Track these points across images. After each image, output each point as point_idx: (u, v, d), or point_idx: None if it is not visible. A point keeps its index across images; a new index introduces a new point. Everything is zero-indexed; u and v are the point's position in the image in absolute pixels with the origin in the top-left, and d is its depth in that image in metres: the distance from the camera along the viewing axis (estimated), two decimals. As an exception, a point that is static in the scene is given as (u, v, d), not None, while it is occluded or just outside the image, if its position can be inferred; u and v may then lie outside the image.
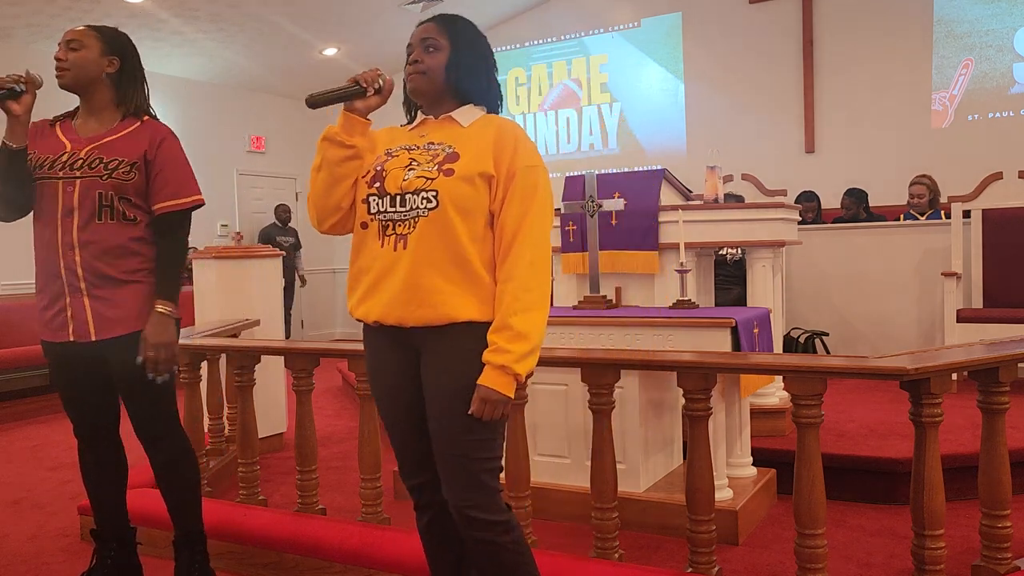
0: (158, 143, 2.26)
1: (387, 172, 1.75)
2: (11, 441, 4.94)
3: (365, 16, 7.93)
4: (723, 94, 7.87)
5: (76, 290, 2.22)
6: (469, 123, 1.79)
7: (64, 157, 2.24)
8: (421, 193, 1.69)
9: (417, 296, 1.69)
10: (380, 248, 1.73)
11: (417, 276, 1.68)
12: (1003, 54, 6.79)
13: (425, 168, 1.72)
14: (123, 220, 2.23)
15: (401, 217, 1.71)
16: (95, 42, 2.27)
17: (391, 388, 1.82)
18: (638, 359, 2.41)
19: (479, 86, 1.84)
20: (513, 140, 1.74)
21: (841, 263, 5.73)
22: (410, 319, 1.71)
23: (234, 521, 2.77)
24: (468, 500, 1.70)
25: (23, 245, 7.19)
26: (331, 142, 1.80)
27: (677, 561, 2.60)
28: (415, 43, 1.82)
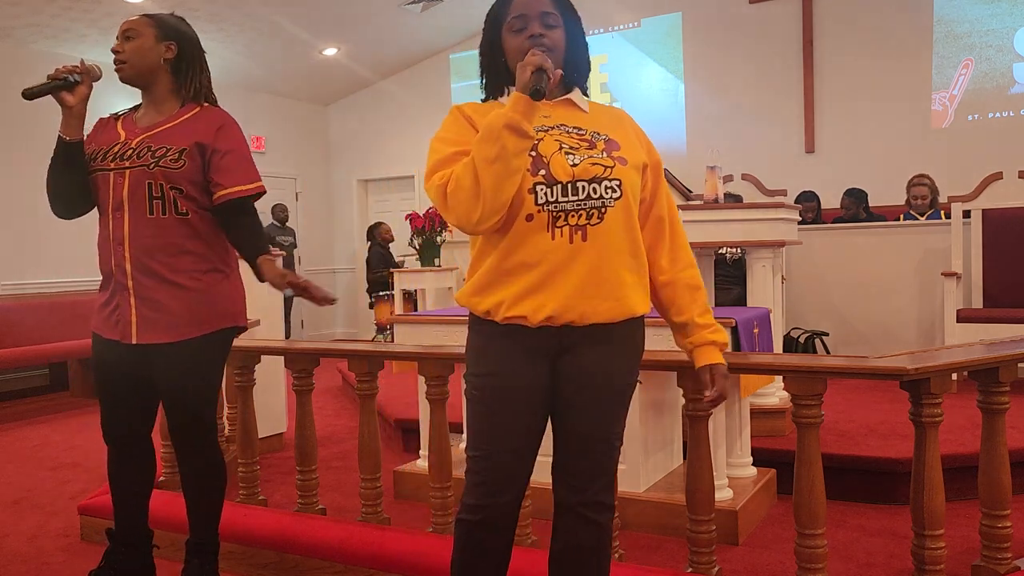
0: (216, 129, 2.16)
1: (547, 158, 1.62)
2: (11, 441, 4.94)
3: (365, 16, 7.93)
4: (723, 94, 7.87)
5: (124, 288, 2.14)
6: (588, 108, 1.76)
7: (116, 148, 2.16)
8: (603, 182, 1.61)
9: (603, 290, 1.62)
10: (551, 241, 1.60)
11: (604, 269, 1.62)
12: (1003, 54, 6.79)
13: (591, 155, 1.63)
14: (176, 214, 2.13)
15: (575, 207, 1.60)
16: (150, 29, 2.18)
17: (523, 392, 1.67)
18: (638, 359, 2.40)
19: (586, 69, 1.80)
20: (642, 131, 1.81)
21: (841, 263, 5.73)
22: (594, 314, 1.62)
23: (234, 521, 2.77)
24: (605, 487, 1.72)
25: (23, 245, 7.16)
26: (515, 131, 1.54)
27: (677, 561, 2.60)
28: (531, 15, 1.67)
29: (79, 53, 7.06)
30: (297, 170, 9.74)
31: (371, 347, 2.96)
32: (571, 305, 1.61)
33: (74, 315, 6.38)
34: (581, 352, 1.66)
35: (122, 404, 2.27)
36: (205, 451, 2.30)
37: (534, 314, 1.62)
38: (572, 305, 1.61)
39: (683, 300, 1.78)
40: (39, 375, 6.20)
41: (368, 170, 9.97)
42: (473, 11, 8.34)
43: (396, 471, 3.48)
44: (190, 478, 2.33)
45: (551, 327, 1.63)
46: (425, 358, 2.61)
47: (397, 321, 3.57)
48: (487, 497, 1.68)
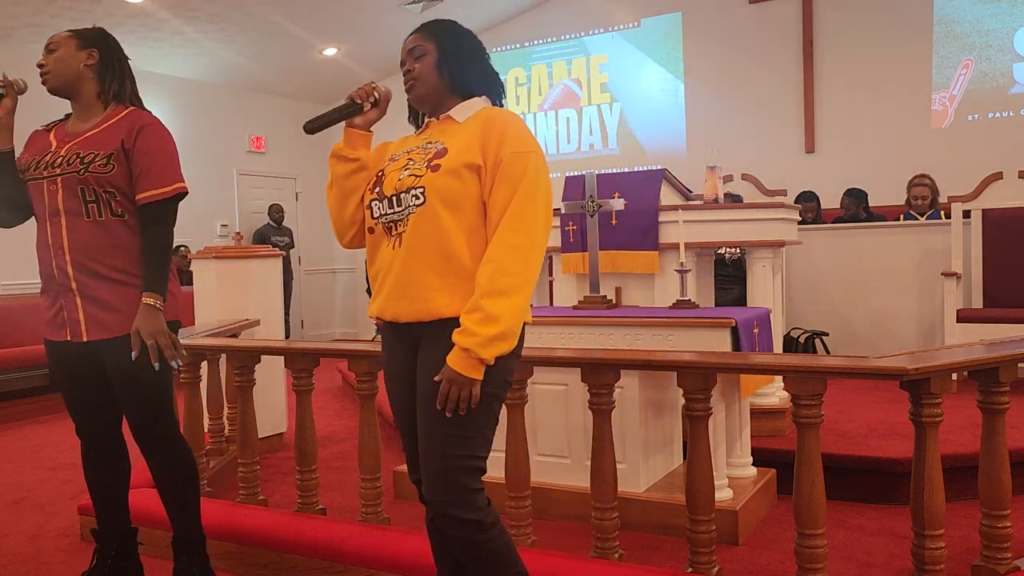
0: (136, 132, 2.20)
1: (385, 175, 1.80)
2: (11, 441, 4.94)
3: (365, 16, 7.93)
4: (723, 94, 7.87)
5: (68, 290, 2.21)
6: (465, 118, 1.80)
7: (47, 157, 2.23)
8: (411, 191, 1.72)
9: (408, 292, 1.72)
10: (389, 249, 1.76)
11: (408, 273, 1.72)
12: (1003, 54, 6.79)
13: (417, 166, 1.75)
14: (112, 216, 2.20)
15: (398, 217, 1.74)
16: (70, 40, 2.27)
17: (395, 381, 1.86)
18: (638, 359, 2.41)
19: (473, 76, 1.85)
20: (501, 127, 1.73)
21: (841, 263, 5.73)
22: (403, 315, 1.75)
23: (234, 521, 2.77)
24: (441, 496, 1.69)
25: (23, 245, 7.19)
26: (337, 158, 1.85)
27: (677, 561, 2.60)
28: (404, 56, 1.86)
29: (79, 53, 7.06)
30: (297, 170, 9.74)
31: (371, 347, 2.96)
32: (386, 306, 1.77)
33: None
34: (422, 351, 1.77)
35: (84, 403, 2.34)
36: (165, 444, 2.33)
37: (373, 313, 1.82)
38: (386, 306, 1.77)
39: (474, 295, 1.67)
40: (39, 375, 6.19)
41: (368, 170, 9.95)
42: (473, 11, 8.34)
43: (396, 471, 3.48)
44: (157, 474, 2.36)
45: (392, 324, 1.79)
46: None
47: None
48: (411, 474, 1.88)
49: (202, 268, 4.38)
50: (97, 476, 2.41)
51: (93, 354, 2.24)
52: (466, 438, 1.69)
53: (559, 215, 3.81)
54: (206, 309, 4.32)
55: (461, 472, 1.69)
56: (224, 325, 3.84)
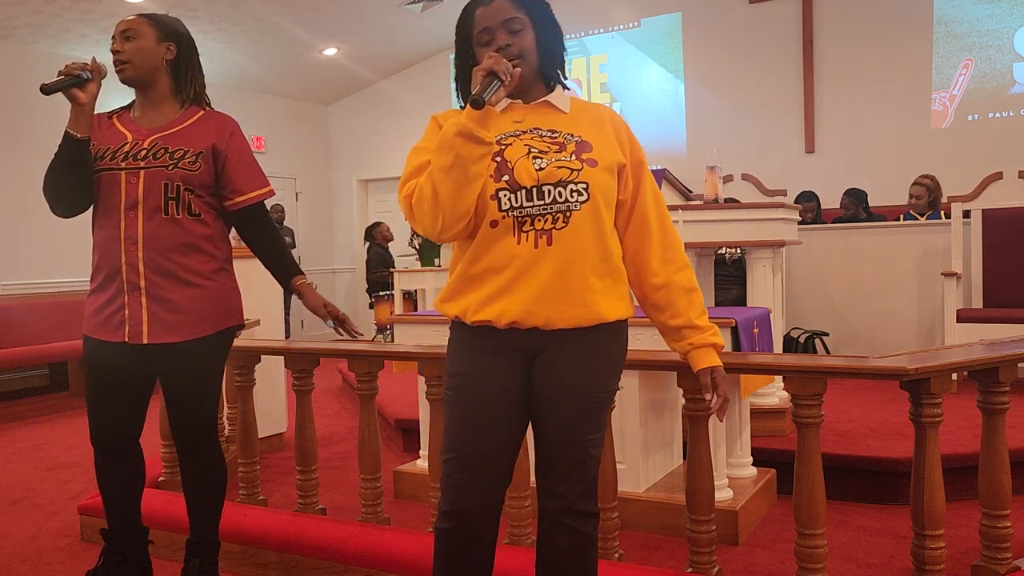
0: (228, 134, 2.21)
1: (512, 163, 1.61)
2: (11, 441, 4.94)
3: (365, 16, 7.94)
4: (723, 94, 7.87)
5: (135, 288, 2.13)
6: (568, 108, 1.71)
7: (126, 147, 2.15)
8: (569, 185, 1.59)
9: (569, 295, 1.60)
10: (517, 245, 1.59)
11: (569, 274, 1.59)
12: (1003, 54, 6.80)
13: (559, 158, 1.61)
14: (190, 215, 2.15)
15: (540, 212, 1.59)
16: (150, 29, 2.18)
17: (498, 397, 1.65)
18: (638, 359, 2.41)
19: (561, 60, 1.76)
20: (626, 128, 1.75)
21: (841, 263, 5.73)
22: (559, 320, 1.61)
23: (234, 521, 2.77)
24: (586, 495, 1.68)
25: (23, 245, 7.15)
26: (469, 138, 1.53)
27: (677, 561, 2.60)
28: (494, 25, 1.65)
29: (79, 53, 7.06)
30: (297, 170, 9.74)
31: (371, 347, 2.96)
32: (534, 310, 1.60)
33: (74, 315, 6.38)
34: (553, 355, 1.65)
35: (114, 407, 2.25)
36: (208, 450, 2.31)
37: (498, 319, 1.61)
38: (535, 310, 1.60)
39: (680, 303, 1.75)
40: (39, 375, 6.20)
41: (368, 170, 9.97)
42: (473, 11, 8.35)
43: (396, 471, 3.48)
44: (192, 477, 2.33)
45: (519, 329, 1.62)
46: (425, 358, 2.61)
47: (397, 321, 3.57)
48: (461, 501, 1.65)
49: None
50: (112, 482, 2.34)
51: (146, 358, 2.17)
52: (599, 436, 1.71)
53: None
54: (206, 309, 4.31)
55: (596, 465, 1.71)
56: (224, 325, 3.83)
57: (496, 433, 1.66)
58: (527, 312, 1.60)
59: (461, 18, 1.73)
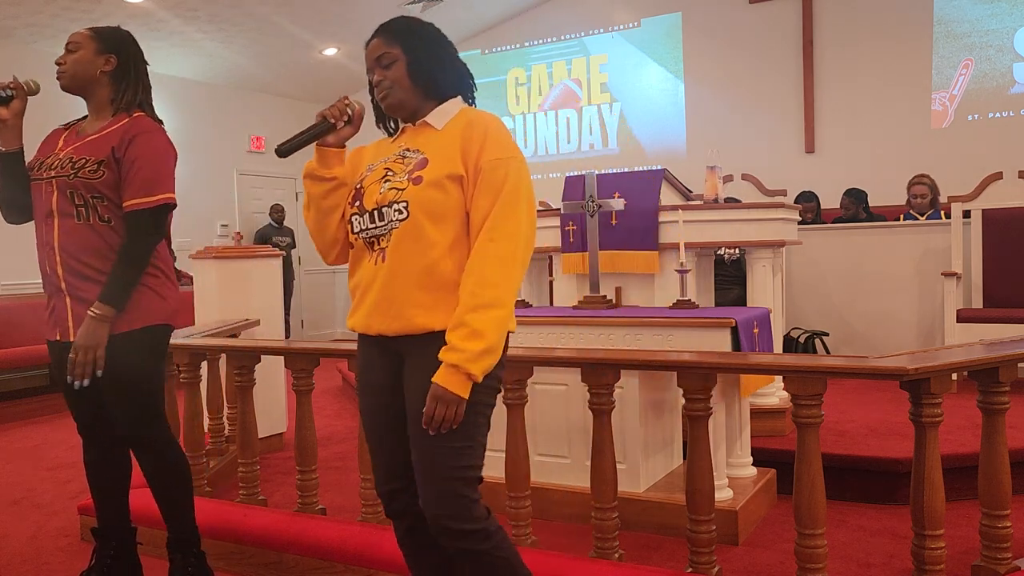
0: (130, 139, 2.20)
1: (364, 189, 1.75)
2: (11, 441, 4.94)
3: (365, 16, 7.93)
4: (723, 94, 7.87)
5: (59, 290, 2.24)
6: (443, 124, 1.75)
7: (50, 159, 2.26)
8: (393, 205, 1.68)
9: (393, 308, 1.69)
10: (370, 264, 1.73)
11: (392, 288, 1.68)
12: (1003, 54, 6.80)
13: (398, 179, 1.70)
14: (99, 221, 2.21)
15: (381, 232, 1.70)
16: (91, 42, 2.28)
17: (375, 391, 1.81)
18: (638, 359, 2.41)
19: (446, 78, 1.79)
20: (481, 134, 1.68)
21: (841, 263, 5.73)
22: (388, 330, 1.71)
23: (234, 521, 2.77)
24: (442, 510, 1.66)
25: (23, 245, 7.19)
26: (311, 178, 1.80)
27: (677, 561, 2.60)
28: (370, 65, 1.80)
29: (79, 53, 7.06)
30: (297, 170, 9.72)
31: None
32: (368, 322, 1.74)
33: (74, 315, 6.37)
34: (405, 362, 1.75)
35: (79, 402, 2.34)
36: (154, 445, 2.34)
37: (354, 327, 1.79)
38: (369, 322, 1.74)
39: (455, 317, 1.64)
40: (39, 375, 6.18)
41: (368, 170, 9.96)
42: (473, 11, 8.35)
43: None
44: (147, 474, 2.37)
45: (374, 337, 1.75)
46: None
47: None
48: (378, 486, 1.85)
49: (202, 268, 4.38)
50: (98, 475, 2.42)
51: None
52: (461, 449, 1.66)
53: (559, 215, 3.81)
54: (206, 309, 4.32)
55: (460, 484, 1.67)
56: (224, 325, 3.84)
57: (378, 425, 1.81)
58: (366, 323, 1.75)
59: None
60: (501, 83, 8.94)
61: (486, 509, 1.72)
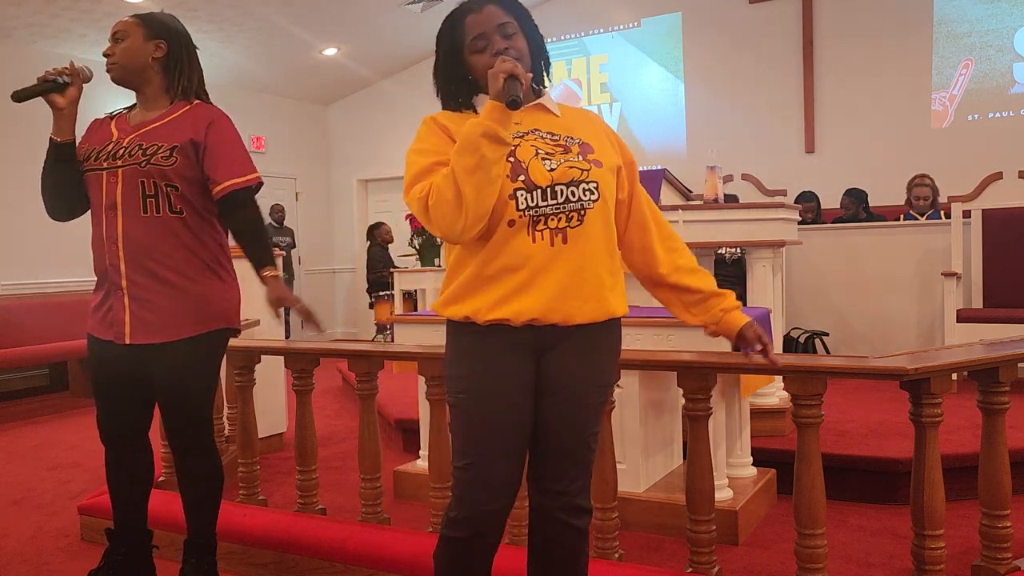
0: (207, 125, 2.15)
1: (526, 163, 1.63)
2: (11, 441, 4.94)
3: (365, 16, 7.93)
4: (723, 94, 7.87)
5: (118, 288, 2.14)
6: (558, 111, 1.76)
7: (109, 147, 2.16)
8: (581, 185, 1.63)
9: (585, 291, 1.63)
10: (532, 244, 1.61)
11: (586, 270, 1.63)
12: (1003, 54, 6.80)
13: (568, 159, 1.65)
14: (170, 212, 2.12)
15: (554, 211, 1.61)
16: (138, 29, 2.19)
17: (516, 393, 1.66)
18: (638, 359, 2.41)
19: (547, 65, 1.82)
20: (613, 131, 1.84)
21: (841, 263, 5.73)
22: (578, 315, 1.63)
23: (234, 521, 2.77)
24: (584, 491, 1.72)
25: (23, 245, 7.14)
26: (493, 139, 1.55)
27: (677, 561, 2.60)
28: (489, 30, 1.68)
29: (79, 53, 7.05)
30: (297, 170, 9.73)
31: (371, 347, 2.96)
32: (555, 307, 1.61)
33: (74, 315, 6.38)
34: (563, 352, 1.67)
35: (119, 405, 2.26)
36: (201, 452, 2.30)
37: (516, 317, 1.62)
38: (556, 307, 1.61)
39: (696, 280, 1.83)
40: (39, 375, 6.19)
41: (368, 170, 9.97)
42: (473, 11, 8.34)
43: (396, 471, 3.48)
44: (187, 479, 2.32)
45: (534, 327, 1.64)
46: (425, 358, 2.61)
47: (397, 321, 3.57)
48: (477, 508, 1.64)
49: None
50: (120, 479, 2.34)
51: (135, 357, 2.17)
52: (599, 432, 1.76)
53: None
54: (206, 309, 4.31)
55: (592, 463, 1.75)
56: (224, 325, 3.83)
57: (516, 432, 1.66)
58: (547, 309, 1.61)
59: (447, 27, 1.75)
60: (501, 83, 8.94)
61: None
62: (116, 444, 2.32)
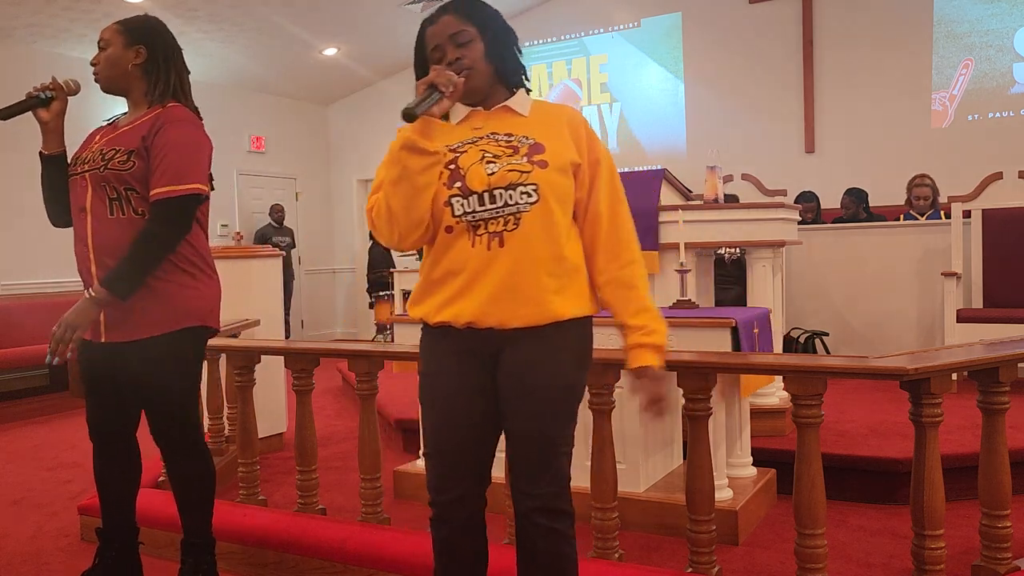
0: (158, 128, 2.13)
1: (465, 169, 1.65)
2: (11, 441, 4.94)
3: (365, 16, 7.94)
4: (723, 94, 7.87)
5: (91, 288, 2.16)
6: (528, 111, 1.75)
7: (84, 154, 2.20)
8: (518, 188, 1.62)
9: (520, 295, 1.63)
10: (471, 248, 1.64)
11: (520, 274, 1.63)
12: (1003, 54, 6.80)
13: (511, 161, 1.65)
14: (134, 214, 2.14)
15: (492, 215, 1.63)
16: (119, 37, 2.21)
17: (459, 392, 1.72)
18: (638, 359, 2.40)
19: (516, 64, 1.78)
20: (584, 125, 1.76)
21: (841, 263, 5.73)
22: (512, 319, 1.64)
23: (234, 521, 2.77)
24: (553, 487, 1.69)
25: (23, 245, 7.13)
26: (413, 150, 1.60)
27: (677, 561, 2.60)
28: (443, 41, 1.70)
29: (79, 53, 7.06)
30: (297, 170, 9.73)
31: (371, 347, 2.96)
32: (488, 311, 1.64)
33: (74, 315, 6.37)
34: (514, 354, 1.68)
35: (104, 401, 2.30)
36: (189, 452, 2.32)
37: (456, 319, 1.67)
38: (489, 311, 1.64)
39: (618, 301, 1.72)
40: (39, 375, 6.19)
41: (368, 170, 9.95)
42: (473, 11, 8.34)
43: (396, 471, 3.48)
44: (177, 480, 2.34)
45: (477, 330, 1.67)
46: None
47: (397, 321, 3.57)
48: (438, 494, 1.75)
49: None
50: (108, 477, 2.37)
51: (113, 355, 2.19)
52: (569, 430, 1.73)
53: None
54: (206, 309, 4.31)
55: (566, 461, 1.72)
56: (224, 325, 3.83)
57: (460, 432, 1.73)
58: (482, 313, 1.65)
59: (416, 40, 1.79)
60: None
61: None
62: (102, 439, 2.35)
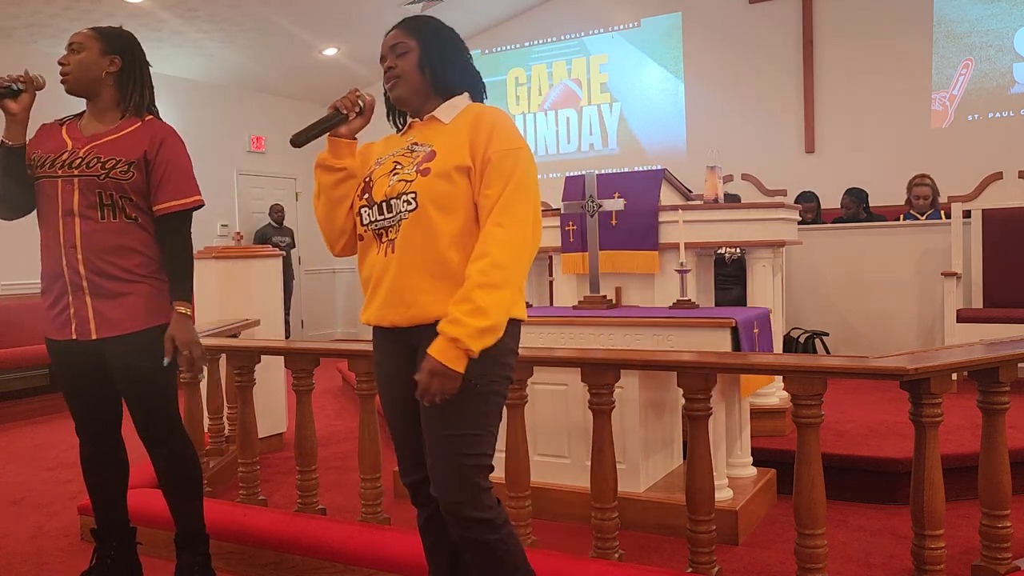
0: (159, 143, 2.26)
1: (374, 182, 1.79)
2: (11, 441, 4.94)
3: (365, 16, 7.93)
4: (723, 94, 7.87)
5: (78, 288, 2.22)
6: (451, 118, 1.80)
7: (64, 156, 2.25)
8: (403, 196, 1.72)
9: (404, 298, 1.72)
10: (376, 255, 1.76)
11: (403, 278, 1.71)
12: (1003, 54, 6.79)
13: (407, 171, 1.74)
14: (125, 219, 2.24)
15: (388, 223, 1.74)
16: (95, 43, 2.28)
17: (391, 384, 1.85)
18: (638, 359, 2.41)
19: (455, 74, 1.84)
20: (489, 126, 1.72)
21: (841, 263, 5.73)
22: (400, 321, 1.74)
23: (234, 521, 2.77)
24: (452, 496, 1.70)
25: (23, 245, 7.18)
26: (323, 168, 1.86)
27: (677, 561, 2.60)
28: (386, 51, 1.83)
29: (79, 53, 7.06)
30: (297, 170, 9.73)
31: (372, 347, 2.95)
32: (381, 313, 1.77)
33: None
34: (420, 353, 1.70)
35: (85, 402, 2.35)
36: (169, 441, 2.36)
37: (368, 321, 1.82)
38: (382, 313, 1.77)
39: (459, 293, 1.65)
40: (39, 375, 6.19)
41: (368, 170, 9.96)
42: (473, 11, 8.35)
43: (396, 471, 3.48)
44: (163, 475, 2.39)
45: (388, 329, 1.78)
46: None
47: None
48: (404, 476, 1.91)
49: (202, 268, 4.37)
50: (96, 475, 2.43)
51: (99, 352, 2.26)
52: (474, 437, 1.70)
53: (559, 215, 3.81)
54: (206, 309, 4.31)
55: (472, 471, 1.70)
56: (224, 325, 3.84)
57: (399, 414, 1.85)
58: (379, 315, 1.78)
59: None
60: (501, 83, 8.93)
61: (496, 500, 1.75)
62: (89, 440, 2.41)
